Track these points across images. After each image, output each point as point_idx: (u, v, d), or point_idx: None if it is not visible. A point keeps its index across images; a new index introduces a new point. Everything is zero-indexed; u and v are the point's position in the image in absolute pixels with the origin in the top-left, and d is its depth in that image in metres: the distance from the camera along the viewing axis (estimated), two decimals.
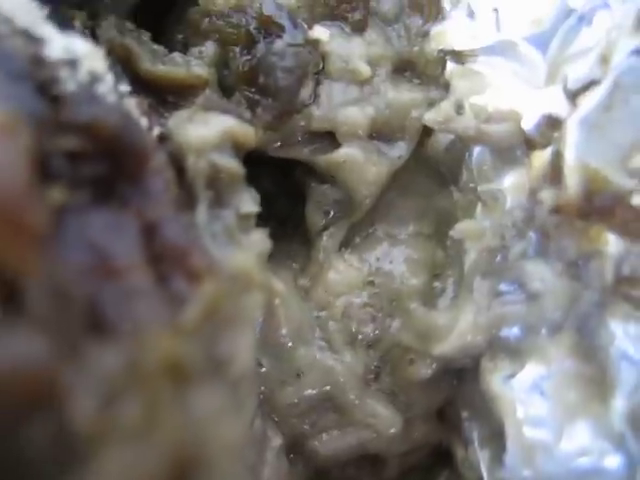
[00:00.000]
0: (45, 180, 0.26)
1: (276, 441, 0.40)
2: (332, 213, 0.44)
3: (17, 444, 0.21)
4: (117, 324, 0.24)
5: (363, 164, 0.42)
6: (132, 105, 0.33)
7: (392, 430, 0.44)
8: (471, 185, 0.43)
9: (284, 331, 0.41)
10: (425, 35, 0.44)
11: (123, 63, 0.37)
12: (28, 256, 0.23)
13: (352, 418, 0.44)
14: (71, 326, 0.24)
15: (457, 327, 0.39)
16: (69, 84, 0.29)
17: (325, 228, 0.44)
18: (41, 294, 0.23)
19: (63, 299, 0.24)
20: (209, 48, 0.41)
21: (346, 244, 0.45)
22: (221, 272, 0.29)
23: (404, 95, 0.43)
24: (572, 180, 0.38)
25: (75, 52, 0.30)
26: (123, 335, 0.24)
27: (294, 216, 0.46)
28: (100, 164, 0.28)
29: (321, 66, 0.41)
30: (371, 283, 0.45)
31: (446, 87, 0.43)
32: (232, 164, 0.33)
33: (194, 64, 0.39)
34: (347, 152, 0.42)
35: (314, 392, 0.42)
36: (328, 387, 0.43)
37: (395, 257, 0.45)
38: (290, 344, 0.42)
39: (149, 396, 0.23)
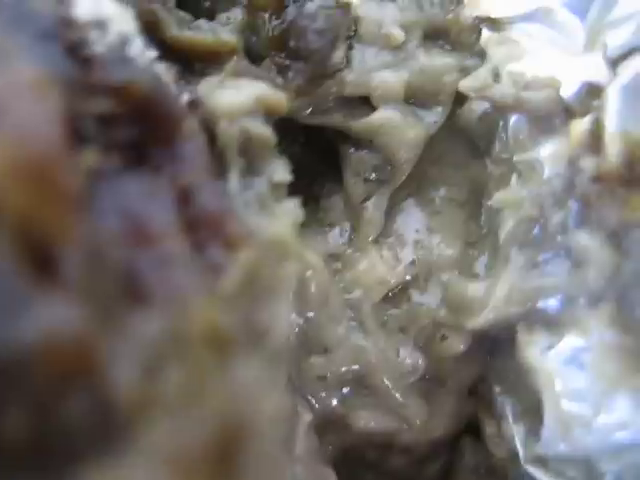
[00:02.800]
0: (78, 143, 0.25)
1: (307, 417, 0.39)
2: (372, 179, 0.43)
3: (56, 418, 0.20)
4: (155, 291, 0.24)
5: (401, 126, 0.41)
6: (162, 70, 0.33)
7: (419, 421, 0.43)
8: (504, 156, 0.42)
9: (313, 305, 0.41)
10: (459, 2, 0.43)
11: (149, 29, 0.36)
12: (64, 220, 0.23)
13: (384, 402, 0.43)
14: (108, 293, 0.23)
15: (492, 300, 0.38)
16: (99, 46, 0.28)
17: (367, 198, 0.43)
18: (76, 259, 0.22)
19: (99, 265, 0.23)
20: (237, 14, 0.40)
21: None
22: (257, 241, 0.28)
23: (437, 61, 0.41)
24: (613, 148, 0.36)
25: (104, 13, 0.29)
26: (161, 302, 0.23)
27: (327, 187, 0.45)
28: (132, 128, 0.27)
29: (354, 31, 0.40)
30: (413, 262, 0.44)
31: (481, 55, 0.42)
32: (264, 131, 0.32)
33: (221, 30, 0.38)
34: (384, 115, 0.41)
35: (343, 369, 0.42)
36: (358, 366, 0.42)
37: (431, 229, 0.44)
38: (318, 320, 0.41)
39: (192, 365, 0.22)
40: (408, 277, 0.44)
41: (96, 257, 0.23)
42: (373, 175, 0.43)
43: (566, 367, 0.37)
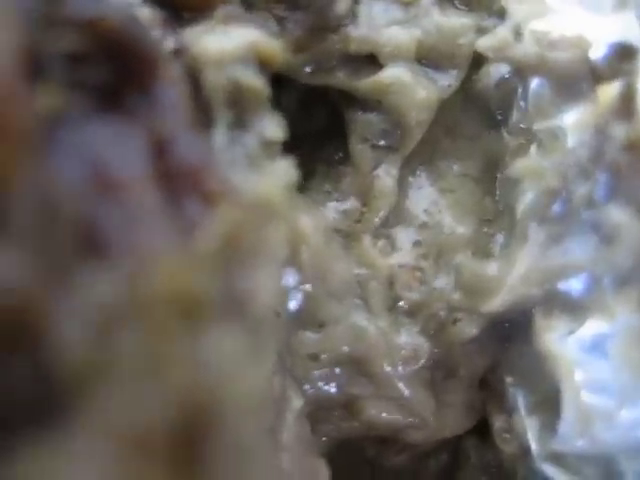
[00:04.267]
0: (36, 80, 0.22)
1: (297, 402, 0.36)
2: (382, 145, 0.40)
3: None
4: (116, 245, 0.21)
5: (412, 85, 0.38)
6: (144, 14, 0.30)
7: (427, 413, 0.40)
8: (522, 126, 0.39)
9: (307, 277, 0.37)
10: None
11: None
12: (12, 163, 0.20)
13: (383, 392, 0.40)
14: (60, 246, 0.20)
15: (508, 280, 0.35)
16: None
17: (376, 166, 0.40)
18: (25, 207, 0.19)
19: (52, 215, 0.20)
20: None
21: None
22: (241, 198, 0.25)
23: (453, 20, 0.38)
24: None
25: None
26: (123, 258, 0.20)
27: (334, 155, 0.42)
28: (103, 68, 0.25)
29: None
30: (418, 243, 0.41)
31: (500, 14, 0.39)
32: (256, 81, 0.29)
33: None
34: (394, 73, 0.38)
35: (339, 349, 0.39)
36: (356, 348, 0.39)
37: (443, 206, 0.41)
38: (314, 293, 0.38)
39: (153, 329, 0.19)
40: (419, 258, 0.41)
41: (50, 205, 0.20)
42: (382, 141, 0.40)
43: (588, 355, 0.35)
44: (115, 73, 0.25)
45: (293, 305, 0.37)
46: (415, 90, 0.38)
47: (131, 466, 0.18)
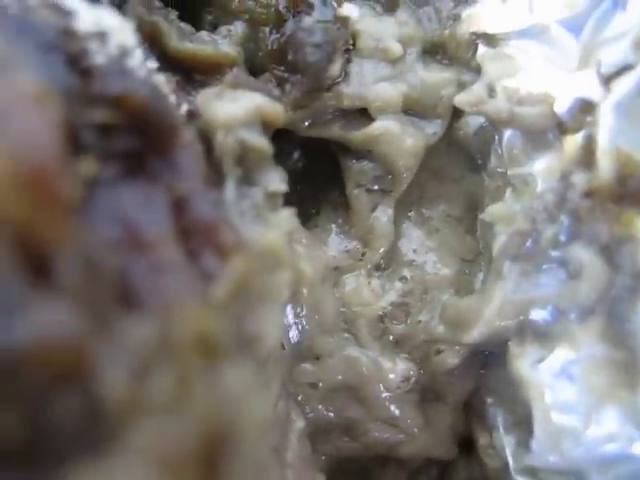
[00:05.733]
0: (76, 152, 0.26)
1: (299, 424, 0.39)
2: (375, 190, 0.43)
3: (47, 419, 0.21)
4: (147, 297, 0.24)
5: (400, 135, 0.41)
6: (161, 81, 0.33)
7: (414, 430, 0.44)
8: (499, 170, 0.43)
9: (305, 314, 0.41)
10: (456, 18, 0.43)
11: (150, 41, 0.37)
12: (59, 226, 0.23)
13: (376, 414, 0.43)
14: (101, 298, 0.23)
15: (485, 313, 0.38)
16: (99, 57, 0.29)
17: (374, 208, 0.44)
18: (71, 265, 0.23)
19: (93, 271, 0.24)
20: (238, 27, 0.40)
21: None
22: (250, 249, 0.29)
23: (436, 75, 0.42)
24: (605, 164, 0.37)
25: (105, 25, 0.30)
26: (153, 308, 0.24)
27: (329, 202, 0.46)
28: (130, 138, 0.28)
29: (352, 45, 0.40)
30: (404, 278, 0.44)
31: (477, 70, 0.42)
32: (261, 142, 0.33)
33: (222, 43, 0.39)
34: (382, 125, 0.41)
35: (335, 378, 0.42)
36: (350, 376, 0.43)
37: (428, 247, 0.45)
38: (310, 328, 0.42)
39: (180, 370, 0.23)
40: (405, 296, 0.44)
41: (91, 263, 0.24)
42: (376, 186, 0.43)
43: (556, 380, 0.38)
44: (140, 141, 0.28)
45: (293, 339, 0.41)
46: (403, 139, 0.41)
47: None
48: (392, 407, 0.43)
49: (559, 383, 0.37)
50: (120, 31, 0.31)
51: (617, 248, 0.36)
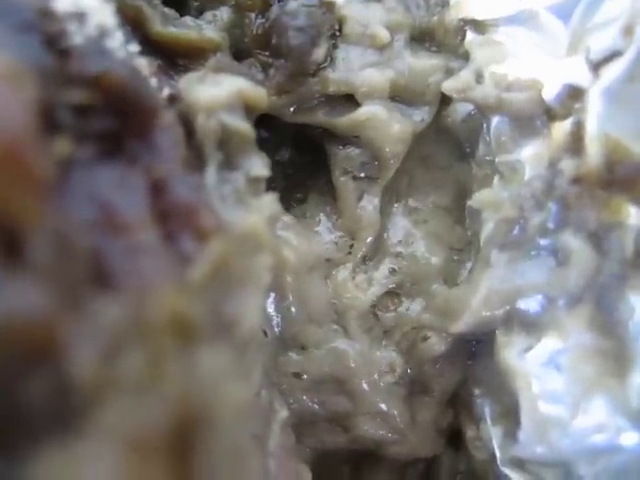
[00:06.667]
0: (51, 131, 0.25)
1: (282, 413, 0.39)
2: (362, 177, 0.43)
3: (15, 398, 0.20)
4: (122, 278, 0.24)
5: (387, 120, 0.41)
6: (142, 64, 0.33)
7: (401, 426, 0.43)
8: (487, 158, 0.42)
9: (290, 303, 0.40)
10: (444, 4, 0.43)
11: (133, 24, 0.36)
12: (31, 205, 0.23)
13: (364, 408, 0.43)
14: (73, 278, 0.23)
15: (472, 303, 0.38)
16: (77, 37, 0.29)
17: (360, 197, 0.43)
18: (43, 244, 0.23)
19: (66, 250, 0.23)
20: (224, 13, 0.40)
21: None
22: (229, 232, 0.28)
23: (424, 61, 0.42)
24: (593, 150, 0.36)
25: (84, 6, 0.30)
26: (128, 289, 0.23)
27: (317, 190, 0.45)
28: (108, 119, 0.28)
29: (338, 30, 0.40)
30: (393, 271, 0.44)
31: (465, 57, 0.42)
32: (243, 126, 0.33)
33: (206, 28, 0.38)
34: (369, 110, 0.40)
35: (321, 369, 0.42)
36: (336, 369, 0.42)
37: (417, 236, 0.44)
38: (296, 318, 0.41)
39: (153, 350, 0.22)
40: (393, 286, 0.44)
41: (64, 243, 0.23)
42: (362, 173, 0.43)
43: (543, 369, 0.37)
44: (118, 122, 0.28)
45: (277, 327, 0.40)
46: (390, 124, 0.41)
47: (134, 465, 0.21)
48: (379, 401, 0.43)
49: (546, 372, 0.37)
50: (99, 12, 0.30)
51: (605, 235, 0.36)
